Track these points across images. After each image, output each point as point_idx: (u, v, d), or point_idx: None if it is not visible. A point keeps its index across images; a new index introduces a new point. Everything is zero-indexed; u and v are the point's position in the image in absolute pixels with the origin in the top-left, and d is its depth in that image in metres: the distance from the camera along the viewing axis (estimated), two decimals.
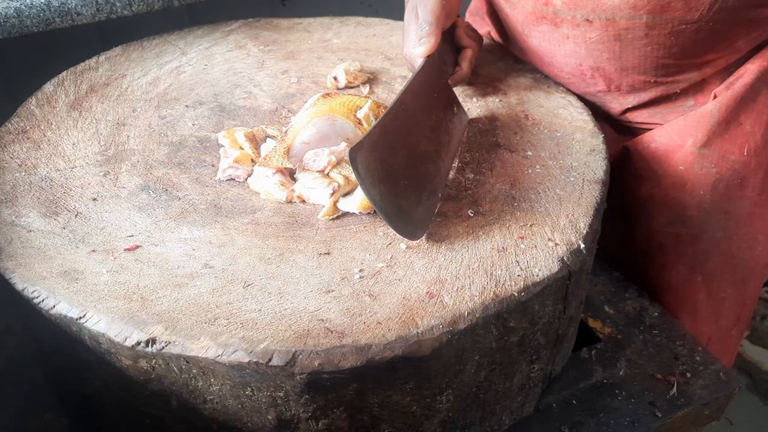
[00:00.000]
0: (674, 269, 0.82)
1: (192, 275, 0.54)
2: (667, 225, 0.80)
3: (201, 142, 0.70)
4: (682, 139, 0.77)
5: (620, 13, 0.69)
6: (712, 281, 0.82)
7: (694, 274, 0.81)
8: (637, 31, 0.70)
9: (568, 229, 0.60)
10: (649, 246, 0.83)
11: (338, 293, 0.53)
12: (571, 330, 0.68)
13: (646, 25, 0.69)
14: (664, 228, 0.80)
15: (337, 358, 0.48)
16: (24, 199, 0.62)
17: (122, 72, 0.81)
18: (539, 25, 0.77)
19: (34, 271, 0.54)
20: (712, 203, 0.78)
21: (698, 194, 0.77)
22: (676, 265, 0.81)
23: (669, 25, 0.69)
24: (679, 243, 0.81)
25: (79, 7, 0.88)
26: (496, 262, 0.56)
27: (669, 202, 0.79)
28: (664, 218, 0.80)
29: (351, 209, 0.61)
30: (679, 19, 0.68)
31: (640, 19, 0.69)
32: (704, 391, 0.71)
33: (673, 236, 0.80)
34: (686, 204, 0.78)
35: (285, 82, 0.81)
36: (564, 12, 0.72)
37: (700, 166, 0.77)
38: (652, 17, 0.68)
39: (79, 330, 0.51)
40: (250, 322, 0.50)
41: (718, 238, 0.79)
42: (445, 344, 0.50)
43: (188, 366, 0.49)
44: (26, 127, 0.71)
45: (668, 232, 0.80)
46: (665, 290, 0.83)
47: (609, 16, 0.70)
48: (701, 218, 0.78)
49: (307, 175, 0.63)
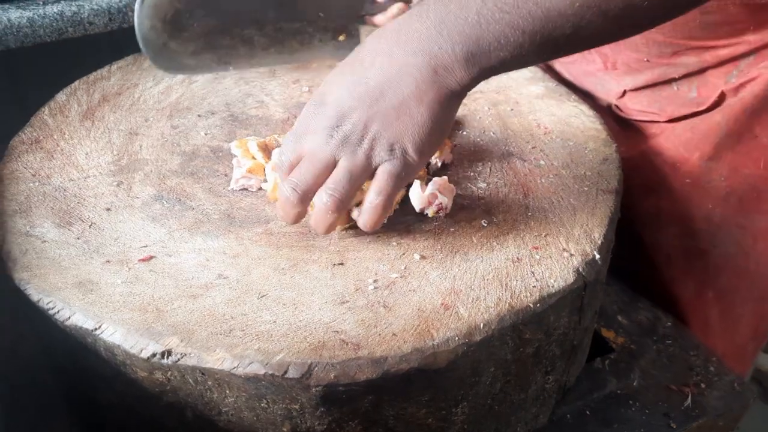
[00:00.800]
0: (683, 283, 0.81)
1: (206, 286, 0.54)
2: (674, 238, 0.80)
3: (214, 152, 0.70)
4: (688, 152, 0.76)
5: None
6: (725, 297, 0.81)
7: (705, 290, 0.80)
8: None
9: (582, 240, 0.60)
10: (658, 259, 0.82)
11: (353, 304, 0.53)
12: (586, 340, 0.67)
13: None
14: (671, 241, 0.80)
15: (352, 370, 0.48)
16: (38, 210, 0.62)
17: (134, 81, 0.81)
18: None
19: (49, 282, 0.54)
20: (723, 217, 0.77)
21: (707, 208, 0.77)
22: (686, 280, 0.81)
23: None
24: (688, 257, 0.80)
25: (92, 16, 0.88)
26: (510, 272, 0.56)
27: (676, 215, 0.78)
28: (672, 231, 0.80)
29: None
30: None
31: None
32: (719, 402, 0.71)
33: (681, 249, 0.80)
34: (694, 217, 0.77)
35: (296, 92, 0.81)
36: None
37: (707, 180, 0.76)
38: None
39: (94, 341, 0.51)
40: (265, 333, 0.50)
41: (732, 253, 0.78)
42: (461, 356, 0.50)
43: (204, 378, 0.49)
44: (39, 137, 0.71)
45: (676, 245, 0.80)
46: (676, 304, 0.82)
47: None
48: (711, 232, 0.78)
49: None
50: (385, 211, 0.55)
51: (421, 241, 0.60)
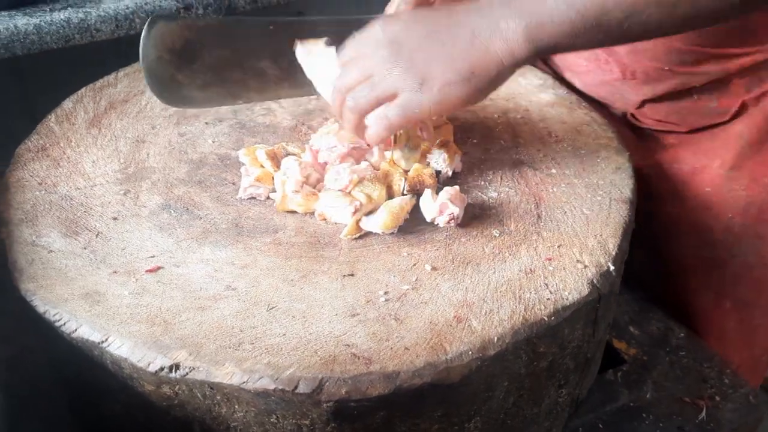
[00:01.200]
0: (701, 294, 0.80)
1: (215, 297, 0.53)
2: (693, 248, 0.78)
3: (221, 160, 0.70)
4: (709, 160, 0.75)
5: None
6: (743, 308, 0.80)
7: (723, 300, 0.79)
8: None
9: (597, 251, 0.59)
10: (674, 268, 0.81)
11: (364, 317, 0.52)
12: (599, 353, 0.66)
13: None
14: (690, 251, 0.79)
15: (364, 385, 0.47)
16: (44, 219, 0.61)
17: (141, 88, 0.81)
18: None
19: (55, 293, 0.53)
20: (742, 227, 0.76)
21: (726, 217, 0.76)
22: (703, 290, 0.80)
23: None
24: (706, 267, 0.79)
25: (99, 23, 0.88)
26: (524, 284, 0.55)
27: (695, 224, 0.77)
28: (691, 241, 0.78)
29: (374, 229, 0.60)
30: None
31: None
32: (734, 415, 0.70)
33: (700, 259, 0.78)
34: (713, 227, 0.76)
35: (304, 99, 0.80)
36: None
37: (728, 189, 0.75)
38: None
39: (101, 354, 0.50)
40: (275, 347, 0.49)
41: (751, 263, 0.77)
42: (475, 371, 0.49)
43: (212, 392, 0.48)
44: (46, 145, 0.71)
45: (695, 255, 0.79)
46: (692, 315, 0.81)
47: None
48: (730, 242, 0.76)
49: (328, 194, 0.62)
50: (389, 128, 0.59)
51: (431, 251, 0.59)
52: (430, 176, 0.64)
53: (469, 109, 0.79)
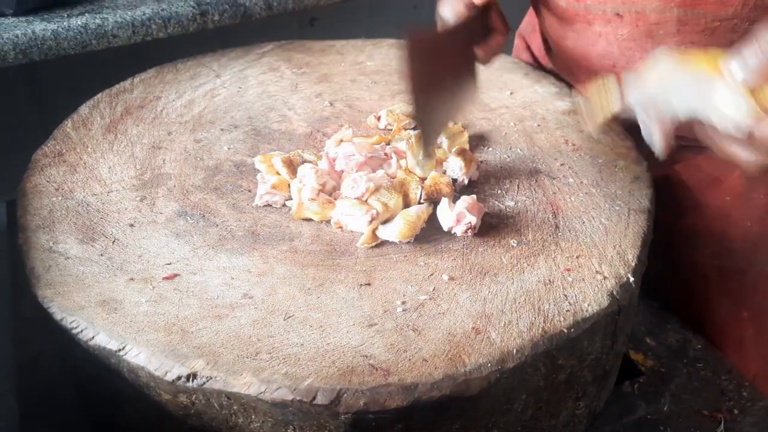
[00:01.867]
0: (719, 303, 0.79)
1: (232, 306, 0.53)
2: (711, 257, 0.77)
3: (237, 167, 0.70)
4: (729, 169, 0.74)
5: (650, 5, 0.67)
6: (761, 317, 0.79)
7: (740, 309, 0.78)
8: (668, 27, 0.68)
9: (616, 261, 0.58)
10: (692, 278, 0.80)
11: (381, 327, 0.52)
12: (617, 365, 0.65)
13: (678, 19, 0.67)
14: (708, 260, 0.78)
15: (382, 397, 0.46)
16: (61, 225, 0.61)
17: (157, 94, 0.81)
18: (573, 24, 0.75)
19: (72, 300, 0.53)
20: (760, 236, 0.75)
21: (745, 226, 0.75)
22: (721, 299, 0.79)
23: (702, 20, 0.66)
24: (724, 276, 0.78)
25: (116, 29, 0.88)
26: (543, 295, 0.55)
27: (713, 233, 0.76)
28: (709, 250, 0.77)
29: (390, 237, 0.60)
30: (712, 14, 0.65)
31: (671, 12, 0.66)
32: (752, 429, 0.68)
33: (718, 269, 0.77)
34: (732, 236, 0.76)
35: (319, 105, 0.80)
36: (594, 7, 0.71)
37: (747, 198, 0.74)
38: (684, 11, 0.66)
39: (117, 362, 0.50)
40: (292, 357, 0.49)
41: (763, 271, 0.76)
42: (494, 383, 0.48)
43: (229, 402, 0.48)
44: (62, 150, 0.71)
45: (712, 265, 0.77)
46: (709, 324, 0.80)
47: (639, 10, 0.68)
48: (749, 251, 0.76)
49: (345, 202, 0.62)
50: None
51: (449, 261, 0.58)
52: (447, 185, 0.64)
53: (485, 117, 0.78)
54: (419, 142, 0.66)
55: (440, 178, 0.64)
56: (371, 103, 0.81)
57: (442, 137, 0.70)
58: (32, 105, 0.97)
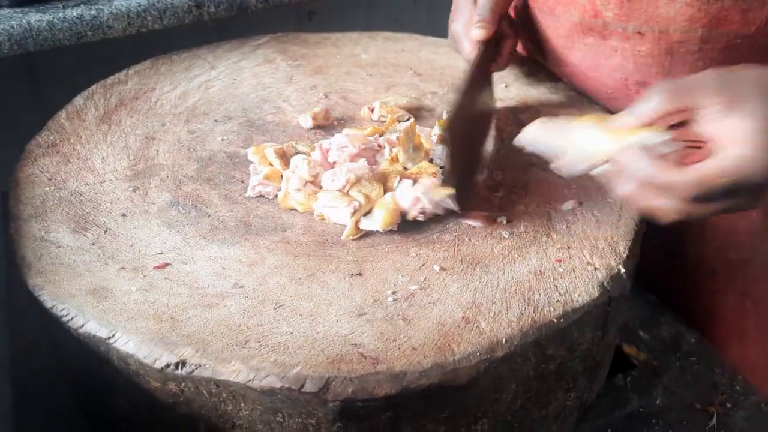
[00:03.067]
0: (725, 295, 0.79)
1: (222, 295, 0.53)
2: (718, 250, 0.77)
3: (230, 158, 0.70)
4: None
5: (675, 25, 0.66)
6: (761, 306, 0.79)
7: (744, 300, 0.78)
8: (690, 45, 0.67)
9: (607, 253, 0.58)
10: (698, 272, 0.80)
11: (371, 316, 0.52)
12: (608, 356, 0.65)
13: (701, 38, 0.67)
14: (715, 253, 0.77)
15: (371, 385, 0.46)
16: (53, 214, 0.61)
17: (151, 86, 0.81)
18: (585, 37, 0.74)
19: (63, 288, 0.54)
20: (763, 226, 0.75)
21: (750, 217, 0.74)
22: (727, 292, 0.78)
23: (724, 39, 0.66)
24: (730, 268, 0.78)
25: (111, 20, 0.88)
26: (533, 286, 0.55)
27: (720, 226, 0.76)
28: (715, 243, 0.77)
29: (373, 228, 0.60)
30: (735, 33, 0.65)
31: (695, 32, 0.66)
32: (745, 423, 0.68)
33: (725, 262, 0.77)
34: (738, 228, 0.75)
35: (314, 97, 0.80)
36: (614, 24, 0.70)
37: None
38: (708, 31, 0.66)
39: (107, 350, 0.50)
40: (281, 345, 0.49)
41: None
42: (483, 372, 0.49)
43: (218, 390, 0.48)
44: (56, 141, 0.71)
45: (720, 258, 0.77)
46: (713, 317, 0.80)
47: (662, 29, 0.67)
48: (752, 242, 0.75)
49: (326, 194, 0.62)
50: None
51: (440, 251, 0.58)
52: (430, 174, 0.63)
53: None
54: (408, 134, 0.66)
55: (426, 167, 0.64)
56: (366, 96, 0.81)
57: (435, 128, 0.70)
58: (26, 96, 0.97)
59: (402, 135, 0.65)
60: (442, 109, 0.78)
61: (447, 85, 0.83)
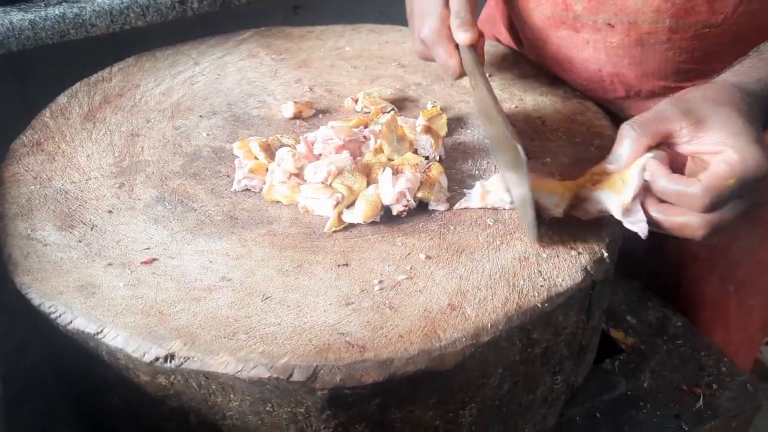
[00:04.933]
0: (708, 281, 0.80)
1: (210, 288, 0.54)
2: None
3: (216, 153, 0.70)
4: None
5: (643, 16, 0.67)
6: (742, 290, 0.80)
7: (727, 285, 0.80)
8: (659, 36, 0.69)
9: (590, 238, 0.59)
10: (682, 258, 0.81)
11: (358, 305, 0.52)
12: (594, 340, 0.66)
13: (669, 29, 0.68)
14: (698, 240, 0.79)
15: (358, 373, 0.47)
16: (39, 212, 0.61)
17: (135, 82, 0.81)
18: (558, 30, 0.75)
19: (50, 285, 0.54)
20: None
21: None
22: (710, 277, 0.80)
23: (692, 29, 0.67)
24: (713, 254, 0.79)
25: (94, 18, 0.88)
26: (518, 272, 0.55)
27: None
28: None
29: (355, 220, 0.60)
30: (702, 22, 0.67)
31: (663, 23, 0.67)
32: (731, 404, 0.69)
33: (706, 247, 0.78)
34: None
35: (298, 91, 0.80)
36: (585, 17, 0.71)
37: None
38: (676, 21, 0.67)
39: (96, 345, 0.50)
40: (269, 336, 0.49)
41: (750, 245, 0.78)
42: (469, 357, 0.49)
43: (207, 382, 0.48)
44: (40, 140, 0.71)
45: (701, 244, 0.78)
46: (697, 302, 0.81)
47: (632, 20, 0.68)
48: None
49: (309, 187, 0.62)
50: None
51: (426, 240, 0.59)
52: (413, 165, 0.64)
53: (463, 100, 0.79)
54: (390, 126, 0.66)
55: (410, 158, 0.64)
56: (351, 88, 0.81)
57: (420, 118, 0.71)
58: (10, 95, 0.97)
59: (384, 128, 0.66)
60: (426, 100, 0.79)
61: (431, 77, 0.83)
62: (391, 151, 0.66)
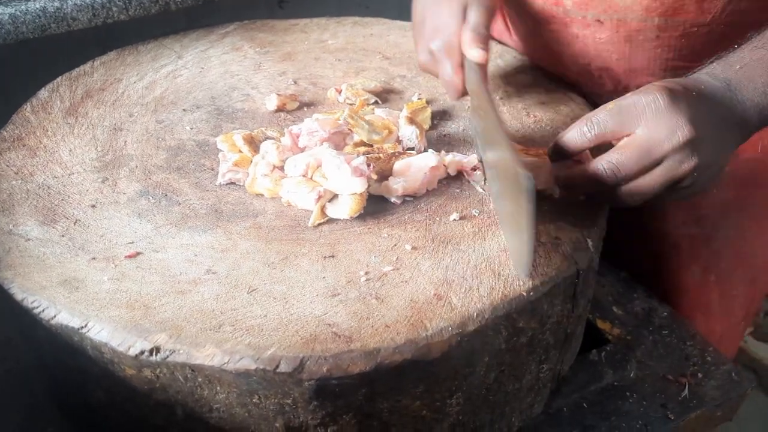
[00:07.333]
0: (689, 270, 0.81)
1: (195, 281, 0.53)
2: (681, 226, 0.79)
3: (200, 146, 0.69)
4: None
5: (632, 14, 0.68)
6: (724, 280, 0.81)
7: (708, 275, 0.80)
8: (648, 33, 0.69)
9: (574, 227, 0.59)
10: (662, 248, 0.81)
11: (344, 297, 0.52)
12: (579, 329, 0.67)
13: (658, 27, 0.68)
14: (678, 229, 0.79)
15: (345, 363, 0.47)
16: (21, 208, 0.60)
17: (118, 77, 0.80)
18: (549, 24, 0.75)
19: (33, 280, 0.53)
20: (724, 202, 0.77)
21: (711, 193, 0.76)
22: (691, 266, 0.80)
23: (681, 27, 0.67)
24: (693, 244, 0.80)
25: (75, 12, 0.87)
26: (503, 261, 0.55)
27: (682, 202, 0.78)
28: (678, 219, 0.79)
29: (341, 216, 0.59)
30: (691, 21, 0.67)
31: (651, 21, 0.68)
32: (716, 392, 0.70)
33: (688, 237, 0.79)
34: (700, 204, 0.77)
35: (283, 84, 0.80)
36: (574, 12, 0.71)
37: None
38: (664, 19, 0.67)
39: (80, 340, 0.50)
40: (255, 328, 0.49)
41: (732, 236, 0.78)
42: (455, 346, 0.49)
43: (193, 374, 0.48)
44: (22, 134, 0.70)
45: (683, 234, 0.79)
46: (678, 291, 0.81)
47: (620, 17, 0.69)
48: (714, 217, 0.77)
49: (290, 180, 0.62)
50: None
51: (412, 231, 0.59)
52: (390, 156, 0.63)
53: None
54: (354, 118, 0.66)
55: (390, 148, 0.64)
56: (335, 81, 0.81)
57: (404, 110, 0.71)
58: None
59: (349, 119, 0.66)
60: (411, 92, 0.79)
61: (416, 69, 0.83)
62: (368, 134, 0.66)
